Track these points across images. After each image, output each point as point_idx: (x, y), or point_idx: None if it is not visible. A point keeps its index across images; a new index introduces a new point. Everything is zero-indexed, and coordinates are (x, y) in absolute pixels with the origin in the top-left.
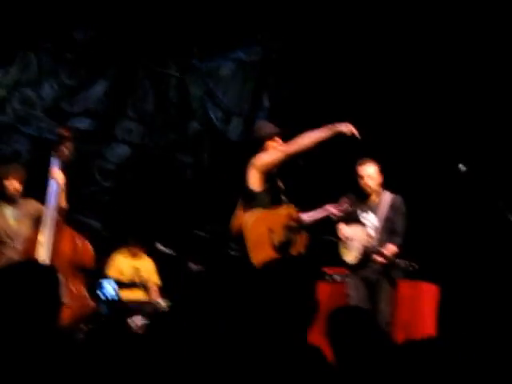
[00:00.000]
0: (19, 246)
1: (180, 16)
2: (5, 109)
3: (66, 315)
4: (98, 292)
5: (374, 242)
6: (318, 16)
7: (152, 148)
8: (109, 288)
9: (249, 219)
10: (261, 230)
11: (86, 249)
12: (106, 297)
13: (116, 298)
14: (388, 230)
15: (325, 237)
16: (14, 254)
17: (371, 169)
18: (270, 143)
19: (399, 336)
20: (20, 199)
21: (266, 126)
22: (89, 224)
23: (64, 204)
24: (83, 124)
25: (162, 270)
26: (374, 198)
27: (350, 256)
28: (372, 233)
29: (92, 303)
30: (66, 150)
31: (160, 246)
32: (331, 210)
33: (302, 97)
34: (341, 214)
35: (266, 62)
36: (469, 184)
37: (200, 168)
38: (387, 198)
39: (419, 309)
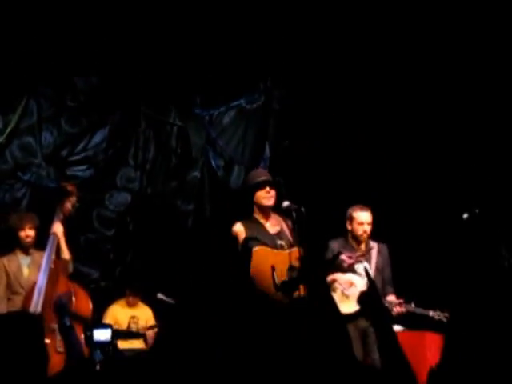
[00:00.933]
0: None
1: (182, 64)
2: (5, 156)
3: (60, 362)
4: (92, 337)
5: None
6: (321, 64)
7: (152, 196)
8: (102, 333)
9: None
10: (264, 265)
11: (81, 298)
12: (99, 341)
13: (109, 342)
14: (380, 280)
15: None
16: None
17: (369, 216)
18: (259, 193)
19: None
20: (33, 248)
21: (257, 175)
22: (87, 273)
23: (67, 255)
24: (83, 172)
25: (163, 319)
26: (362, 246)
27: (349, 307)
28: (365, 282)
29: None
30: (70, 204)
31: (161, 296)
32: (345, 259)
33: (304, 146)
34: (352, 263)
35: (267, 111)
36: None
37: (201, 216)
38: (375, 246)
39: (423, 360)
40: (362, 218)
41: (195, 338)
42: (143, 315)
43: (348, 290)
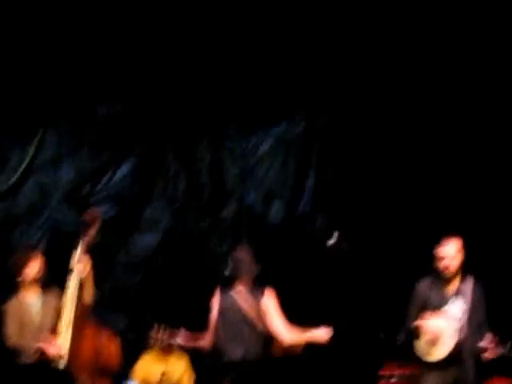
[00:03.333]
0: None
1: (213, 89)
2: (18, 198)
3: None
4: None
5: (463, 335)
6: (367, 86)
7: (183, 237)
8: None
9: None
10: None
11: (111, 348)
12: None
13: None
14: (474, 321)
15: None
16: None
17: (451, 249)
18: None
19: None
20: (42, 289)
21: (242, 264)
22: (113, 325)
23: (88, 298)
24: (105, 212)
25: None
26: (454, 283)
27: (437, 354)
28: (457, 325)
29: None
30: (94, 232)
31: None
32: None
33: (351, 177)
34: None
35: (309, 138)
36: None
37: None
38: (469, 283)
39: None
40: (441, 253)
41: None
42: (175, 368)
43: (435, 337)
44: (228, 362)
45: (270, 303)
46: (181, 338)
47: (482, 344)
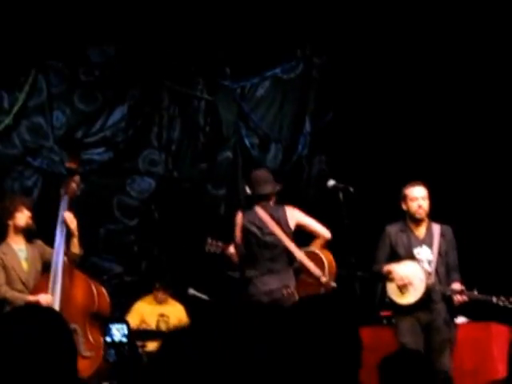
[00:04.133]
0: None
1: (209, 30)
2: (13, 140)
3: (86, 367)
4: (106, 337)
5: (433, 280)
6: (365, 26)
7: (180, 180)
8: (117, 331)
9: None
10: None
11: (101, 295)
12: (114, 341)
13: (125, 341)
14: (444, 265)
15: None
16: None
17: (423, 190)
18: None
19: None
20: (28, 240)
21: (265, 184)
22: (109, 268)
23: (77, 249)
24: (101, 155)
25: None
26: (422, 228)
27: (408, 297)
28: (428, 268)
29: None
30: (75, 184)
31: (192, 291)
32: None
33: (349, 119)
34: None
35: (307, 81)
36: None
37: (234, 202)
38: (437, 228)
39: (489, 353)
40: (415, 193)
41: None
42: (174, 313)
43: (407, 281)
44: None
45: (296, 211)
46: (230, 250)
47: (453, 287)
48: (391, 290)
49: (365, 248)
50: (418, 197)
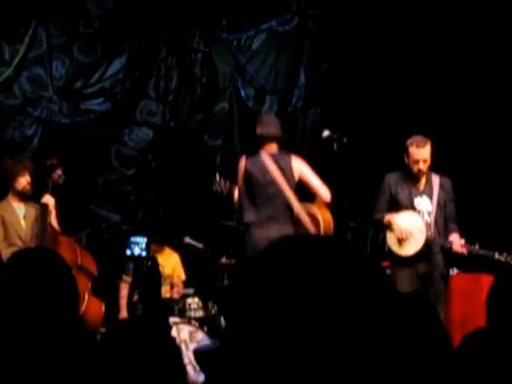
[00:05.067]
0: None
1: None
2: (13, 90)
3: None
4: (126, 250)
5: (433, 231)
6: None
7: (176, 131)
8: (137, 244)
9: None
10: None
11: (86, 254)
12: (133, 254)
13: (144, 254)
14: (443, 216)
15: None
16: None
17: (426, 152)
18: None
19: (456, 335)
20: (26, 199)
21: (272, 126)
22: (106, 217)
23: (57, 226)
24: (99, 106)
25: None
26: (422, 179)
27: (408, 249)
28: (428, 220)
29: (98, 301)
30: (57, 176)
31: (188, 240)
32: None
33: (343, 72)
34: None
35: (302, 33)
36: None
37: (230, 152)
38: (436, 180)
39: (479, 304)
40: (418, 156)
41: None
42: (169, 262)
43: (407, 232)
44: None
45: (303, 164)
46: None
47: (451, 239)
48: (391, 240)
49: (358, 199)
50: (419, 159)
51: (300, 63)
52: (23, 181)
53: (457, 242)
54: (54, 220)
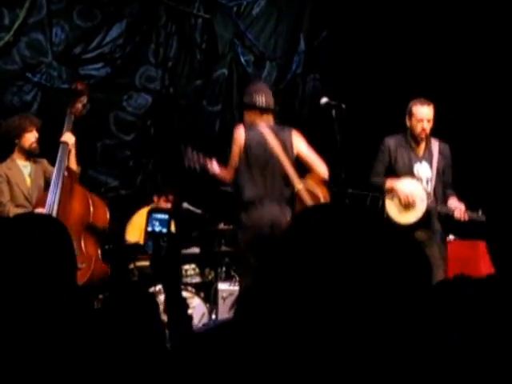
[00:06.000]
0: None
1: None
2: (13, 56)
3: (78, 279)
4: (148, 226)
5: (432, 199)
6: None
7: (176, 97)
8: (158, 221)
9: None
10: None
11: (98, 207)
12: (154, 231)
13: (165, 232)
14: (441, 183)
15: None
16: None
17: (430, 112)
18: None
19: None
20: (33, 159)
21: (269, 95)
22: (105, 182)
23: (75, 166)
24: (99, 71)
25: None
26: (422, 144)
27: (409, 217)
28: (427, 188)
29: (105, 267)
30: (81, 105)
31: (187, 206)
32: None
33: (343, 38)
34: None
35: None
36: None
37: (229, 118)
38: (436, 145)
39: (476, 272)
40: (422, 114)
41: None
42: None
43: (410, 199)
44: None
45: (302, 140)
46: (213, 165)
47: (450, 204)
48: (390, 208)
49: (357, 165)
50: (423, 118)
51: (300, 29)
52: (31, 137)
53: (458, 208)
54: (73, 161)
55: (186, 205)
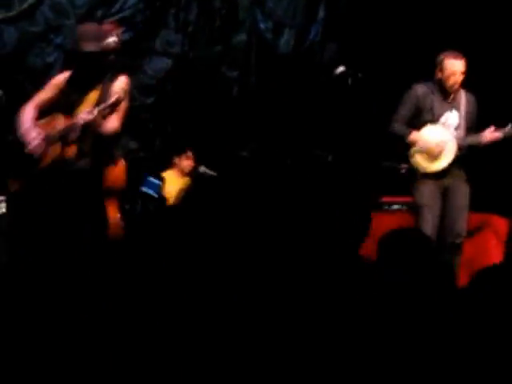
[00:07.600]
0: None
1: None
2: (36, 18)
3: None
4: (141, 187)
5: (459, 146)
6: None
7: (195, 61)
8: (150, 185)
9: None
10: None
11: (116, 170)
12: (143, 192)
13: (155, 196)
14: (467, 130)
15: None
16: None
17: (464, 65)
18: None
19: (462, 275)
20: None
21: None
22: (124, 143)
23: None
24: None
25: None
26: (449, 94)
27: (440, 162)
28: (455, 134)
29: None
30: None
31: (203, 169)
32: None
33: (363, 7)
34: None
35: None
36: None
37: (246, 83)
38: (463, 95)
39: (486, 244)
40: (456, 67)
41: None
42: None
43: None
44: None
45: None
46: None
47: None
48: (419, 159)
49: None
50: (457, 71)
51: None
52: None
53: (485, 131)
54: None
55: (202, 168)
